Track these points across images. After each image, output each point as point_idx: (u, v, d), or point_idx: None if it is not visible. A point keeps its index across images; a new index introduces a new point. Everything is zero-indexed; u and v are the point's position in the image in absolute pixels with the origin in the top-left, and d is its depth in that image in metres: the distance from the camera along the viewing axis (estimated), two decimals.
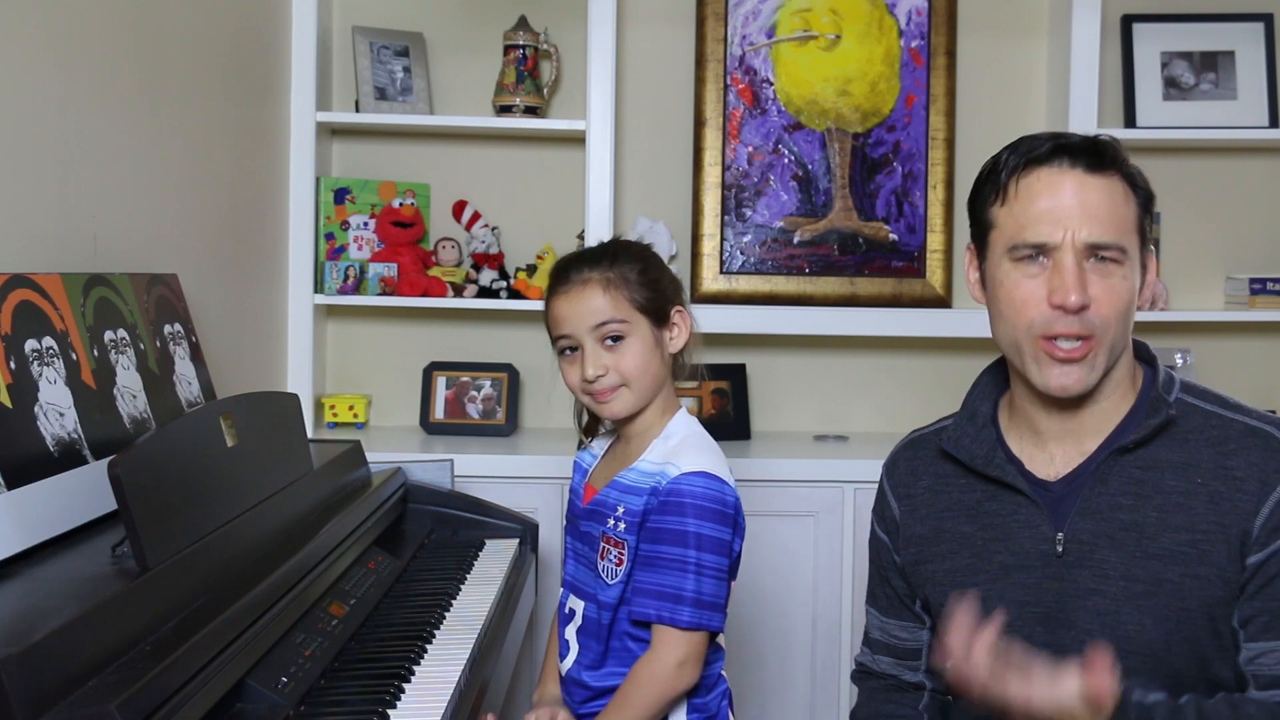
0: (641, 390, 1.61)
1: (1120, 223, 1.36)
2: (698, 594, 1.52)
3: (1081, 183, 1.36)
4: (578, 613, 1.65)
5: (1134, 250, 1.37)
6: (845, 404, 3.10)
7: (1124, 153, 1.40)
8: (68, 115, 1.78)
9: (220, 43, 2.39)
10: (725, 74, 3.00)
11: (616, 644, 1.60)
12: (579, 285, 1.61)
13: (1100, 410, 1.41)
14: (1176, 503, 1.36)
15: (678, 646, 1.53)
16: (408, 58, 2.95)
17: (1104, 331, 1.35)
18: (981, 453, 1.46)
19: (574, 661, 1.64)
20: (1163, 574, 1.35)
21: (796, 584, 2.67)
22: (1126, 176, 1.39)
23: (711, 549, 1.53)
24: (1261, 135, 2.94)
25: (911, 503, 1.53)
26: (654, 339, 1.62)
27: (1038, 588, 1.41)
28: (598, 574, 1.61)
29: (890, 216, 3.02)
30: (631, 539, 1.57)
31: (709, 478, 1.55)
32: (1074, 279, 1.33)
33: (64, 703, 1.02)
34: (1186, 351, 3.00)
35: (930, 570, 1.50)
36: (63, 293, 1.51)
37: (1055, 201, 1.35)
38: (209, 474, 1.48)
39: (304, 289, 2.82)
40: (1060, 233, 1.34)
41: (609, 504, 1.61)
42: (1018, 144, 1.41)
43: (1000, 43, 3.06)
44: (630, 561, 1.57)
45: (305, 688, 1.40)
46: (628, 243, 1.67)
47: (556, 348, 1.65)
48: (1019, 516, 1.43)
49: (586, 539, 1.65)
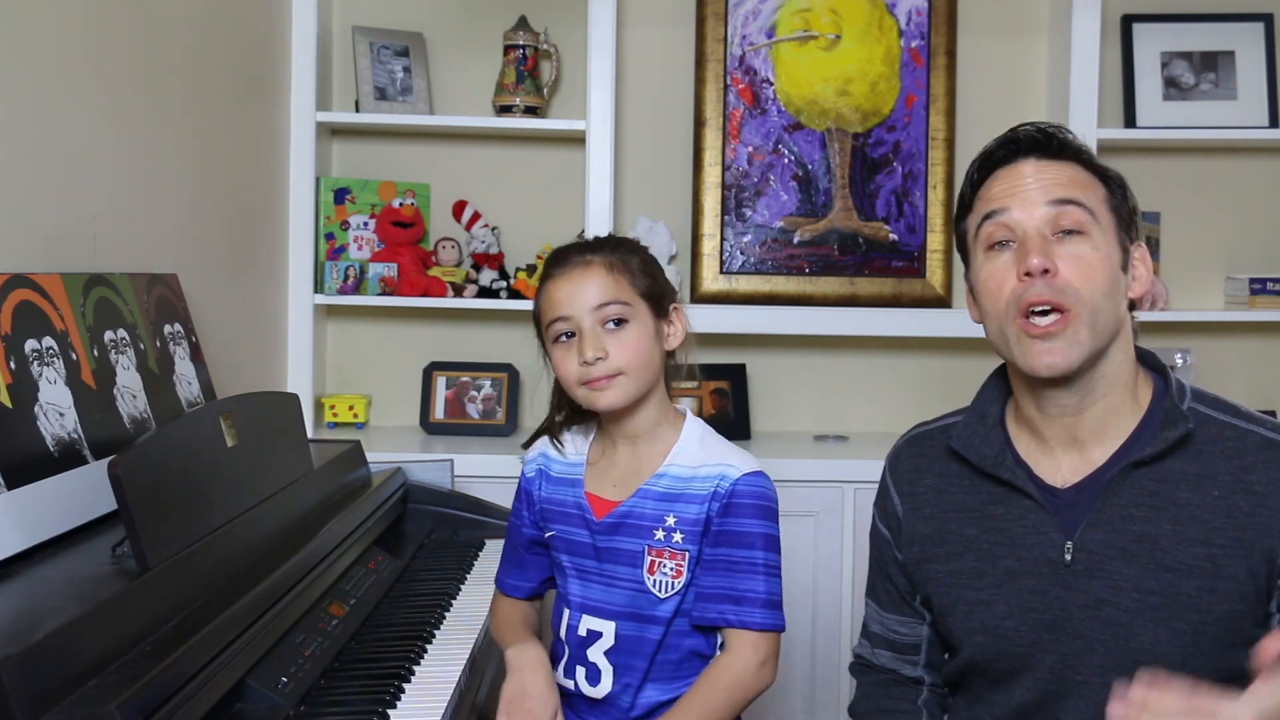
0: (640, 381, 1.53)
1: (1084, 191, 1.37)
2: (768, 594, 1.51)
3: (1037, 165, 1.39)
4: (606, 633, 1.55)
5: (1105, 222, 1.37)
6: (845, 404, 3.10)
7: (1079, 143, 1.42)
8: (68, 115, 1.78)
9: (220, 43, 2.39)
10: (725, 74, 3.00)
11: (664, 657, 1.54)
12: (580, 267, 1.54)
13: (1099, 413, 1.40)
14: (1191, 515, 1.35)
15: (757, 648, 1.51)
16: (408, 58, 2.95)
17: (1077, 301, 1.33)
18: (991, 454, 1.45)
19: (614, 683, 1.55)
20: (1178, 587, 1.33)
21: (796, 584, 2.67)
22: (1086, 164, 1.40)
23: (774, 548, 1.53)
24: (1261, 135, 2.94)
25: (915, 500, 1.52)
26: (654, 328, 1.56)
27: (1044, 595, 1.39)
28: (640, 589, 1.53)
29: (890, 216, 3.02)
30: (694, 548, 1.51)
31: (763, 477, 1.54)
32: (1036, 245, 1.34)
33: (64, 703, 1.03)
34: (1186, 351, 3.00)
35: (933, 570, 1.49)
36: (63, 293, 1.51)
37: (1012, 180, 1.39)
38: (209, 474, 1.48)
39: (304, 289, 2.82)
40: (1018, 204, 1.37)
41: (646, 514, 1.53)
42: (974, 161, 1.45)
43: (1000, 43, 3.06)
44: (690, 571, 1.52)
45: (305, 688, 1.40)
46: (624, 237, 1.64)
47: (550, 334, 1.55)
48: (1026, 522, 1.42)
49: (610, 555, 1.55)
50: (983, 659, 1.44)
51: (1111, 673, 1.34)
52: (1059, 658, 1.38)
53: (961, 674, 1.50)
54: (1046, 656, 1.39)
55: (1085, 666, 1.37)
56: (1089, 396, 1.39)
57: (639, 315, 1.54)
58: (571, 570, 1.59)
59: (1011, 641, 1.41)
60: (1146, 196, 3.08)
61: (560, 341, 1.54)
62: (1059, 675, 1.38)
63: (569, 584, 1.60)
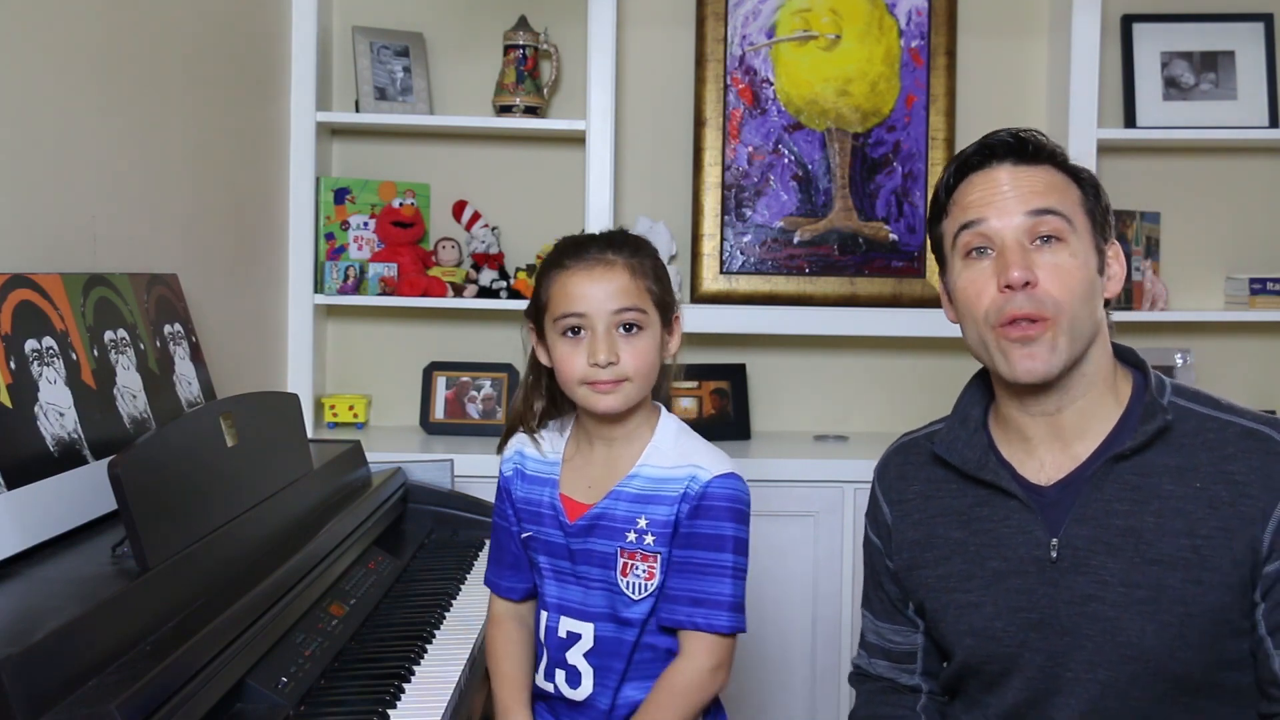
0: (642, 389, 1.51)
1: (1060, 197, 1.38)
2: (734, 597, 1.48)
3: (1013, 172, 1.39)
4: (585, 635, 1.53)
5: (1081, 227, 1.38)
6: (845, 404, 3.10)
7: (1054, 146, 1.43)
8: (68, 115, 1.78)
9: (220, 43, 2.39)
10: (725, 74, 3.00)
11: (640, 656, 1.52)
12: (602, 265, 1.49)
13: (1080, 411, 1.41)
14: (1175, 508, 1.36)
15: (713, 652, 1.48)
16: (408, 58, 2.95)
17: (1057, 310, 1.35)
18: (974, 457, 1.46)
19: (594, 685, 1.52)
20: (1164, 579, 1.34)
21: (796, 584, 2.67)
22: (1061, 167, 1.41)
23: (743, 551, 1.50)
24: (1261, 135, 2.94)
25: (903, 508, 1.53)
26: (660, 338, 1.53)
27: (1031, 593, 1.40)
28: (614, 591, 1.51)
29: (890, 216, 3.02)
30: (665, 550, 1.49)
31: (735, 479, 1.50)
32: (1016, 256, 1.35)
33: (64, 703, 1.03)
34: (1186, 351, 3.00)
35: (923, 576, 1.49)
36: (63, 293, 1.51)
37: (988, 189, 1.39)
38: (209, 474, 1.48)
39: (304, 289, 2.82)
40: (995, 213, 1.37)
41: (618, 516, 1.51)
42: (949, 163, 1.46)
43: (1000, 43, 3.06)
44: (663, 573, 1.49)
45: (305, 688, 1.40)
46: (638, 235, 1.59)
47: (557, 326, 1.50)
48: (1011, 522, 1.42)
49: (584, 556, 1.52)
50: (974, 661, 1.45)
51: (1101, 668, 1.36)
52: (1048, 656, 1.39)
53: (957, 678, 1.51)
54: (1036, 655, 1.39)
55: (1075, 663, 1.37)
56: (1068, 395, 1.40)
57: (651, 324, 1.51)
58: (548, 571, 1.56)
59: (1001, 642, 1.41)
60: (1146, 196, 3.09)
61: (567, 336, 1.50)
62: (1050, 673, 1.39)
63: (545, 585, 1.56)
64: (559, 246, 1.56)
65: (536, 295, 1.55)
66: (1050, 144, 1.42)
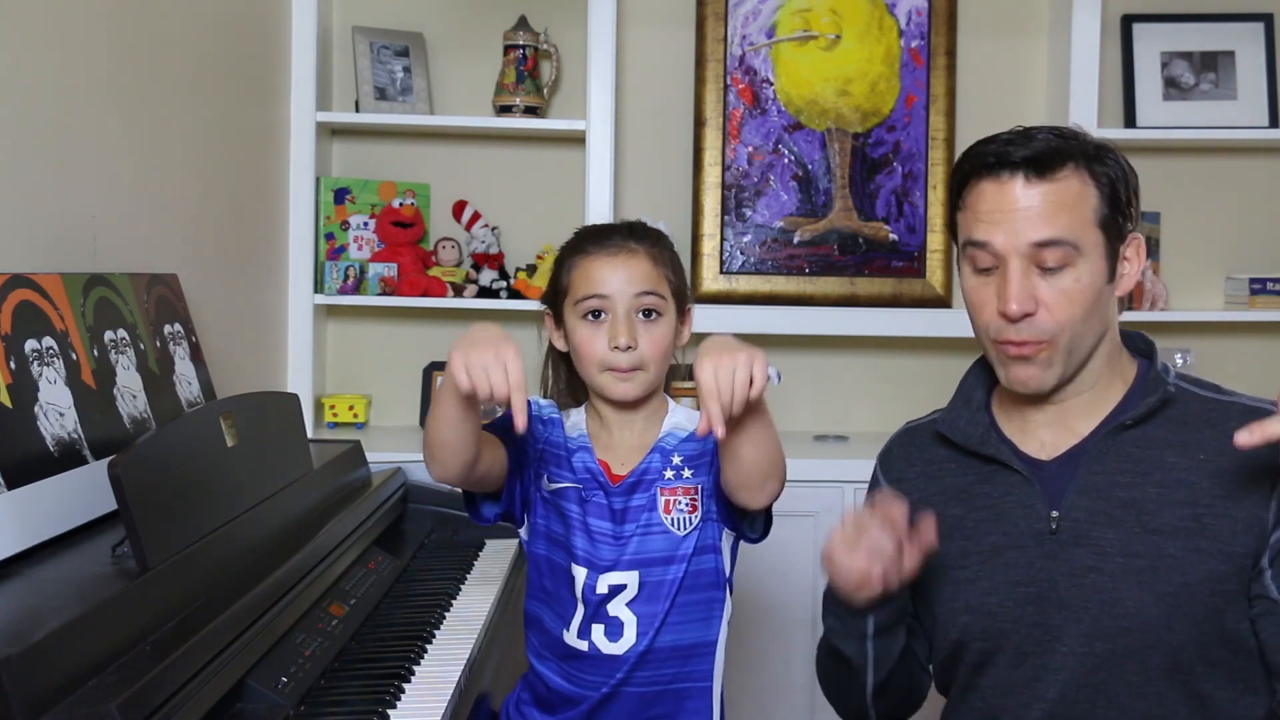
0: (658, 378, 1.55)
1: (1070, 220, 1.35)
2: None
3: (1024, 191, 1.36)
4: (630, 584, 1.51)
5: (1091, 244, 1.36)
6: (845, 404, 3.10)
7: (1078, 142, 1.39)
8: (68, 115, 1.78)
9: (220, 43, 2.39)
10: (725, 74, 3.00)
11: (684, 598, 1.52)
12: (625, 251, 1.54)
13: (1085, 400, 1.43)
14: (1178, 479, 1.37)
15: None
16: (408, 58, 2.95)
17: (1057, 333, 1.36)
18: (976, 433, 1.48)
19: (636, 635, 1.51)
20: (1164, 548, 1.35)
21: (796, 584, 2.67)
22: (1084, 167, 1.37)
23: None
24: (1261, 135, 2.94)
25: (903, 487, 1.53)
26: (675, 328, 1.57)
27: (1029, 567, 1.41)
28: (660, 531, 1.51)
29: (890, 216, 3.02)
30: (705, 479, 1.52)
31: None
32: (1016, 287, 1.35)
33: (64, 703, 1.03)
34: (1186, 351, 3.00)
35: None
36: (63, 293, 1.51)
37: (997, 207, 1.37)
38: (209, 474, 1.48)
39: (304, 289, 2.82)
40: (1002, 237, 1.36)
41: (655, 467, 1.54)
42: (970, 151, 1.43)
43: (1000, 43, 3.06)
44: (705, 504, 1.52)
45: (305, 688, 1.40)
46: (657, 228, 1.63)
47: (578, 310, 1.53)
48: (1012, 496, 1.44)
49: (632, 514, 1.52)
50: (969, 639, 1.45)
51: (1098, 641, 1.36)
52: (1045, 630, 1.39)
53: (950, 661, 1.49)
54: (1033, 630, 1.40)
55: (1069, 636, 1.38)
56: (1069, 390, 1.43)
57: (669, 313, 1.55)
58: (585, 529, 1.53)
59: (996, 617, 1.42)
60: (1146, 196, 3.04)
61: (588, 319, 1.53)
62: (1045, 646, 1.39)
63: (574, 538, 1.54)
64: (580, 234, 1.61)
65: (555, 281, 1.59)
66: (1072, 142, 1.39)
